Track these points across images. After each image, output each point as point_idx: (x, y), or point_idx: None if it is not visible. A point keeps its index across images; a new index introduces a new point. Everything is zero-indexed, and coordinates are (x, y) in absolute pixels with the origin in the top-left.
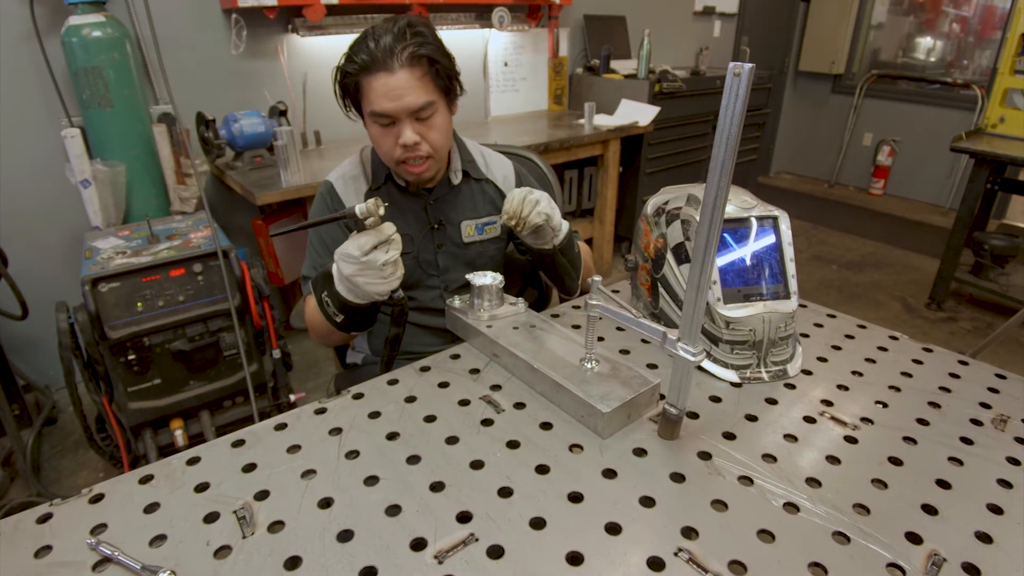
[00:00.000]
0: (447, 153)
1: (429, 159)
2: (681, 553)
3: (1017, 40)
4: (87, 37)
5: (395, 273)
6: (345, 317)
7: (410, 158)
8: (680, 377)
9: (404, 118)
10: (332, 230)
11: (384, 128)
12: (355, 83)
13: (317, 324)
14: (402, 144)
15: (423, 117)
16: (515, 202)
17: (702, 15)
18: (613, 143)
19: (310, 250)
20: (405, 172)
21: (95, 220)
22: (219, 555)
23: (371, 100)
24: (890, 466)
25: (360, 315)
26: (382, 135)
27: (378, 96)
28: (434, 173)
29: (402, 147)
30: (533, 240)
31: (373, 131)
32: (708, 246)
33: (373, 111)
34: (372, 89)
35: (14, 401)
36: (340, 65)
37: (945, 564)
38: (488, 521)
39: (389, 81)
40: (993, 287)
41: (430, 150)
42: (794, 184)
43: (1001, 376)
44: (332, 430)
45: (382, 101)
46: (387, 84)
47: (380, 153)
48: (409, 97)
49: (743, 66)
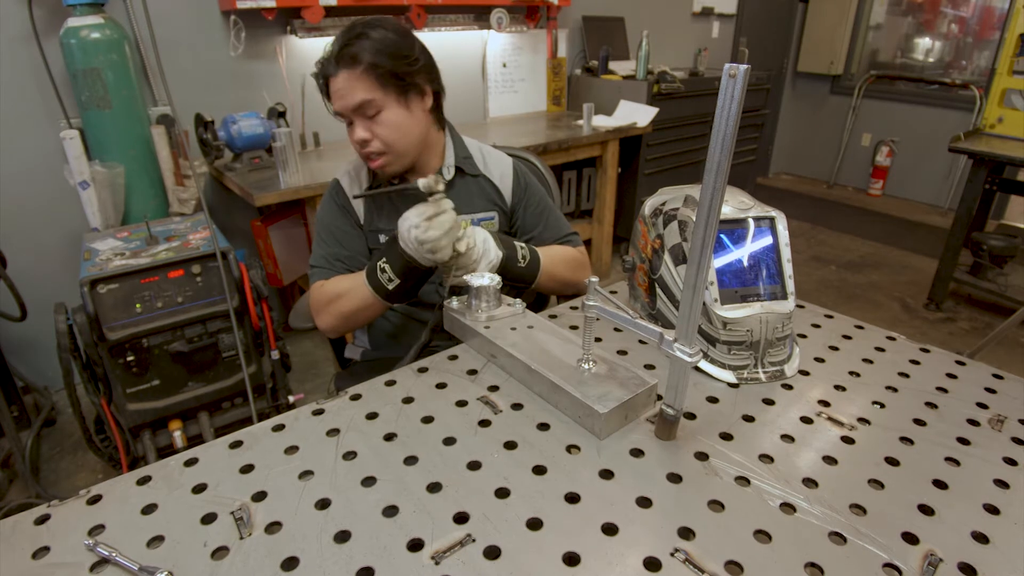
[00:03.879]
0: (411, 149)
1: (384, 155)
2: (678, 553)
3: (1015, 40)
4: (86, 39)
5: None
6: (401, 282)
7: (364, 154)
8: (677, 378)
9: (353, 117)
10: (339, 221)
11: (348, 127)
12: (323, 87)
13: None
14: (354, 141)
15: (369, 115)
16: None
17: (700, 16)
18: (612, 144)
19: (318, 241)
20: (370, 167)
21: (94, 221)
22: (216, 556)
23: (332, 101)
24: (887, 466)
25: (413, 280)
26: (348, 133)
27: (333, 97)
28: (398, 169)
29: (357, 143)
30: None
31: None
32: (704, 247)
33: (334, 112)
34: (331, 91)
35: (13, 402)
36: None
37: (941, 564)
38: (485, 522)
39: (335, 83)
40: (992, 287)
41: (381, 146)
42: (793, 185)
43: (998, 376)
44: (330, 431)
45: (335, 101)
46: (336, 84)
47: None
48: (352, 95)
49: (738, 67)
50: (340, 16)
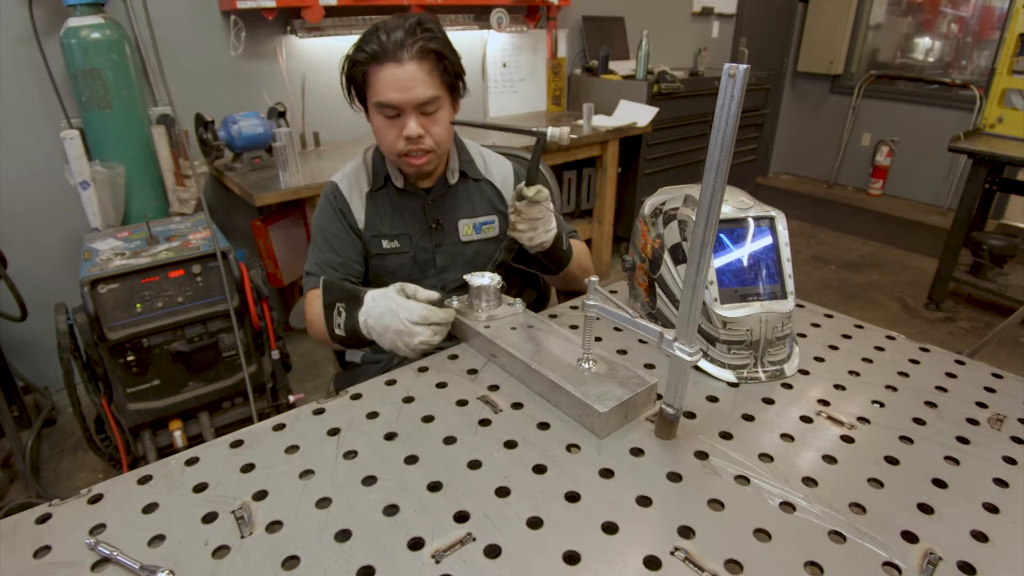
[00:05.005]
0: (447, 150)
1: (430, 153)
2: (678, 552)
3: (1015, 40)
4: (86, 39)
5: (419, 349)
6: (347, 339)
7: (412, 150)
8: (677, 377)
9: (410, 110)
10: (333, 226)
11: (389, 120)
12: (363, 73)
13: (317, 325)
14: (406, 136)
15: (428, 111)
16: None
17: (700, 16)
18: (612, 144)
19: (313, 245)
20: (405, 164)
21: (94, 221)
22: (217, 555)
23: (378, 91)
24: (886, 465)
25: (357, 343)
26: (386, 126)
27: (386, 87)
28: (433, 168)
29: (406, 139)
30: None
31: (377, 122)
32: (704, 246)
33: (380, 101)
34: (380, 80)
35: (13, 402)
36: (349, 54)
37: (941, 563)
38: (485, 521)
39: (398, 72)
40: (991, 287)
41: (432, 144)
42: (793, 184)
43: (998, 376)
44: (330, 430)
45: (390, 92)
46: (395, 75)
47: (382, 145)
48: (417, 90)
49: (738, 67)
50: (340, 16)
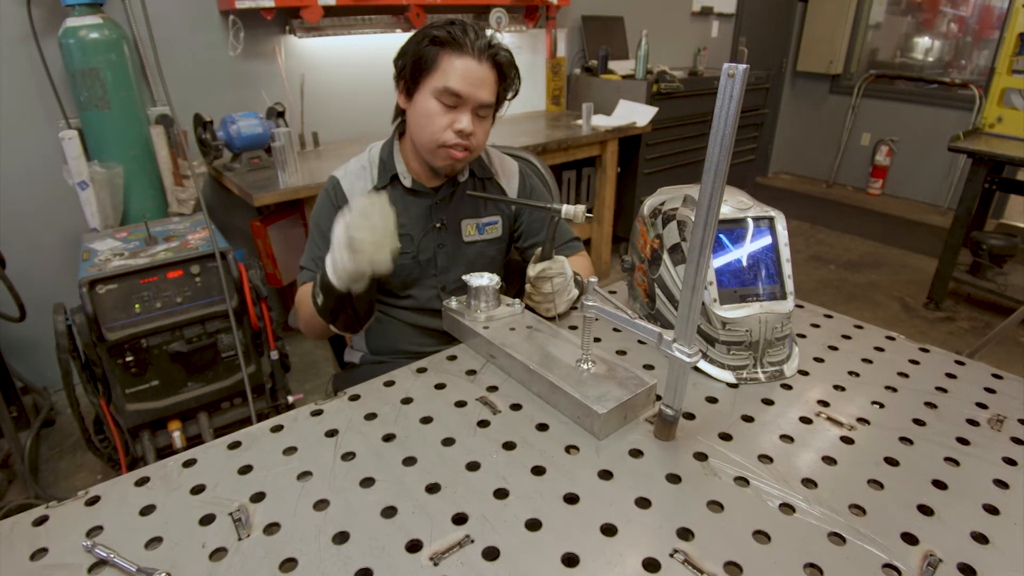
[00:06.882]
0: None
1: (469, 152)
2: (677, 554)
3: (1014, 40)
4: (84, 39)
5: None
6: (327, 301)
7: (457, 144)
8: (676, 378)
9: (469, 106)
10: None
11: (444, 108)
12: (436, 54)
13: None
14: (458, 129)
15: (482, 114)
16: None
17: (700, 15)
18: (611, 144)
19: (309, 241)
20: (443, 156)
21: (93, 222)
22: (215, 557)
23: (448, 76)
24: (886, 466)
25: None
26: (438, 113)
27: (459, 76)
28: (463, 167)
29: (456, 132)
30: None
31: (430, 107)
32: (703, 247)
33: (448, 87)
34: (454, 67)
35: (12, 403)
36: (429, 30)
37: (941, 565)
38: (484, 522)
39: (473, 67)
40: (991, 287)
41: (475, 144)
42: (792, 184)
43: (998, 376)
44: (328, 432)
45: (461, 82)
46: (471, 68)
47: (424, 132)
48: (484, 90)
49: (737, 67)
50: (339, 16)
